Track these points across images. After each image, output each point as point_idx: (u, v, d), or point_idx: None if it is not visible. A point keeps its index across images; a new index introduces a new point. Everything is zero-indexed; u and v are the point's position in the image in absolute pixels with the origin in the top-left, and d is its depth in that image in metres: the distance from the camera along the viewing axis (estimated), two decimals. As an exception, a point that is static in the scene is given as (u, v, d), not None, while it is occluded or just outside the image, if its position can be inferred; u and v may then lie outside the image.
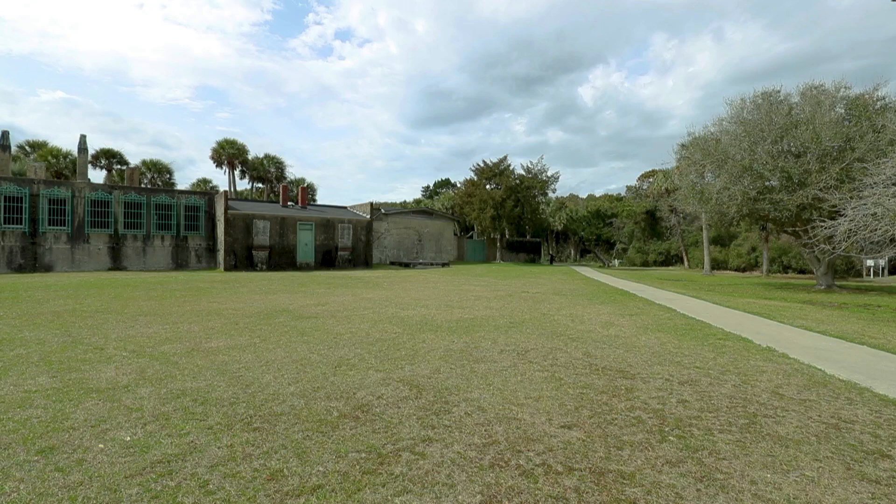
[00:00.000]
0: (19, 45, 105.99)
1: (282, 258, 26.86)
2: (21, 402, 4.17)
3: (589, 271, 33.37)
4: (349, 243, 29.65)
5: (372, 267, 30.50)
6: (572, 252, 65.83)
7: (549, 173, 45.98)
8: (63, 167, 41.30)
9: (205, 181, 52.43)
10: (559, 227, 60.20)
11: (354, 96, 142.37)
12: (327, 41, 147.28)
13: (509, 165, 45.30)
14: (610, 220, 59.65)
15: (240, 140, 50.04)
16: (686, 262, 44.56)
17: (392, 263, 34.75)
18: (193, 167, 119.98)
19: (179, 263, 27.29)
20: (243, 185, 53.78)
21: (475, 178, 46.22)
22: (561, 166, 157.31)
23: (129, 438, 3.45)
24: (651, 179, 52.71)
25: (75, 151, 37.66)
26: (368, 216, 31.33)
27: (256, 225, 26.09)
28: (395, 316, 9.48)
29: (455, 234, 44.23)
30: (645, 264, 49.79)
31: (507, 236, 47.52)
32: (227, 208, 25.45)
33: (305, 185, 48.82)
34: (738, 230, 37.40)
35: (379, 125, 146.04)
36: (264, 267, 25.86)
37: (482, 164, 45.82)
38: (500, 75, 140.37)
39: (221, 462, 3.11)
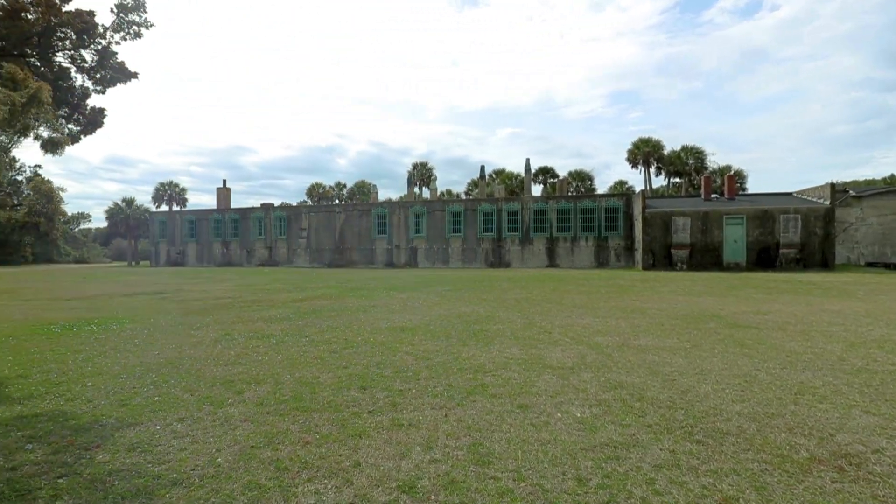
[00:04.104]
0: (484, 102, 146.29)
1: (704, 257, 24.83)
2: (503, 366, 5.47)
3: None
4: (796, 238, 23.91)
5: (832, 268, 23.55)
6: None
7: None
8: (514, 186, 53.39)
9: (621, 183, 55.44)
10: None
11: (796, 50, 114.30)
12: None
13: None
14: None
15: (654, 137, 49.91)
16: None
17: (869, 264, 25.65)
18: (609, 171, 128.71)
19: (600, 262, 29.91)
20: (659, 182, 53.52)
21: None
22: None
23: (579, 415, 3.88)
24: None
25: (522, 172, 48.41)
26: (827, 202, 24.12)
27: (675, 222, 25.23)
28: (889, 339, 6.85)
29: None
30: None
31: None
32: (644, 207, 25.88)
33: (731, 173, 43.30)
34: None
35: (837, 77, 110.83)
36: (684, 266, 24.68)
37: None
38: None
39: (665, 465, 3.00)
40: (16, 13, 6.04)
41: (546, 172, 56.61)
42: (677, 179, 51.51)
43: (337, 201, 60.09)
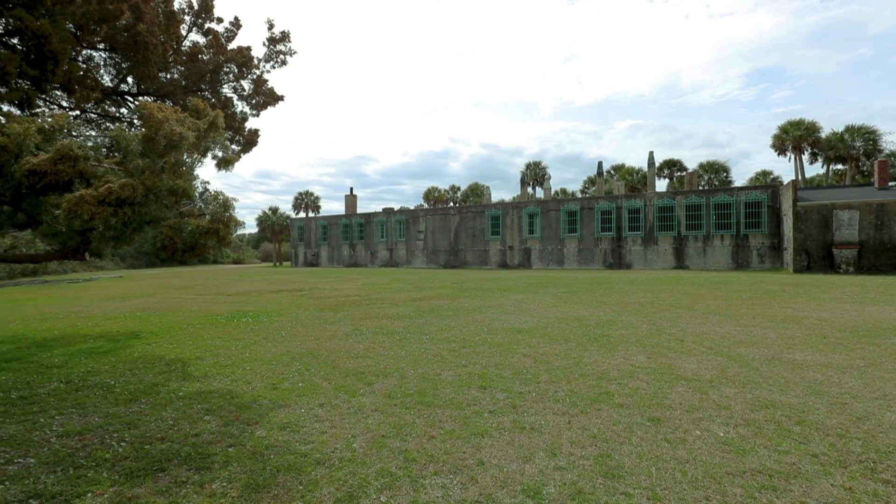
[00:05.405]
0: (599, 95, 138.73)
1: (879, 258, 20.66)
2: (630, 374, 5.12)
3: None
4: None
5: None
6: None
7: None
8: (636, 182, 49.83)
9: (764, 174, 48.58)
10: None
11: None
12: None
13: None
14: None
15: (806, 118, 42.70)
16: None
17: None
18: (748, 161, 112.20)
19: (739, 263, 26.56)
20: (814, 170, 46.09)
21: None
22: None
23: (722, 434, 3.48)
24: None
25: (644, 167, 44.93)
26: None
27: (838, 216, 21.38)
28: None
29: None
30: None
31: None
32: (795, 200, 22.37)
33: (914, 156, 35.48)
34: None
35: None
36: (851, 269, 20.82)
37: None
38: None
39: (839, 504, 2.55)
40: (194, 56, 7.37)
41: (672, 165, 51.89)
42: (839, 166, 43.62)
43: (451, 204, 61.79)
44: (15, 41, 7.42)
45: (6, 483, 2.93)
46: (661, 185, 51.52)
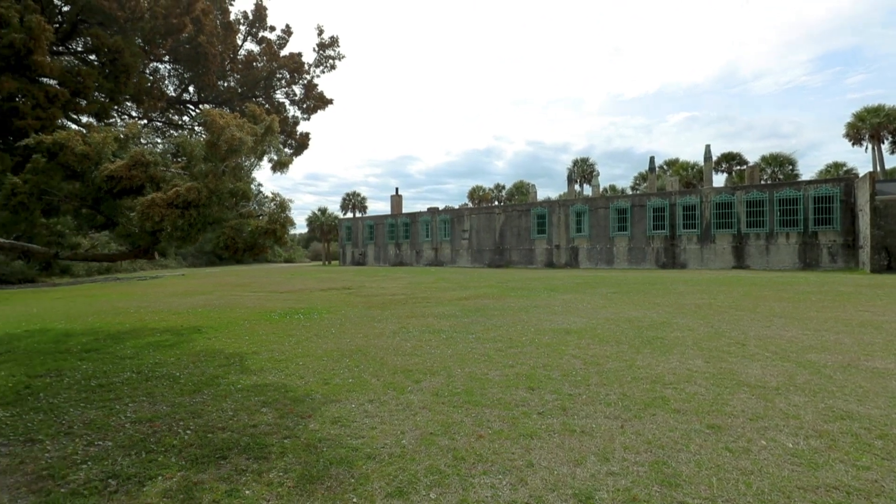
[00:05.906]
0: (650, 87, 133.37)
1: (969, 257, 18.64)
2: (686, 379, 4.89)
3: None
4: None
5: None
6: None
7: None
8: (691, 177, 47.53)
9: (836, 165, 44.95)
10: None
11: None
12: None
13: None
14: None
15: (886, 104, 39.07)
16: None
17: None
18: (816, 152, 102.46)
19: (807, 263, 24.76)
20: (895, 161, 42.01)
21: None
22: None
23: (790, 445, 3.25)
24: None
25: (700, 161, 42.80)
26: None
27: (921, 213, 19.45)
28: None
29: None
30: None
31: None
32: (873, 193, 20.56)
33: None
34: None
35: None
36: (935, 269, 18.90)
37: None
38: None
39: (930, 528, 2.31)
40: (250, 64, 7.77)
41: (731, 159, 49.18)
42: (926, 156, 39.65)
43: (496, 203, 61.42)
44: (92, 57, 8.09)
45: (88, 463, 3.18)
46: (719, 180, 48.94)
